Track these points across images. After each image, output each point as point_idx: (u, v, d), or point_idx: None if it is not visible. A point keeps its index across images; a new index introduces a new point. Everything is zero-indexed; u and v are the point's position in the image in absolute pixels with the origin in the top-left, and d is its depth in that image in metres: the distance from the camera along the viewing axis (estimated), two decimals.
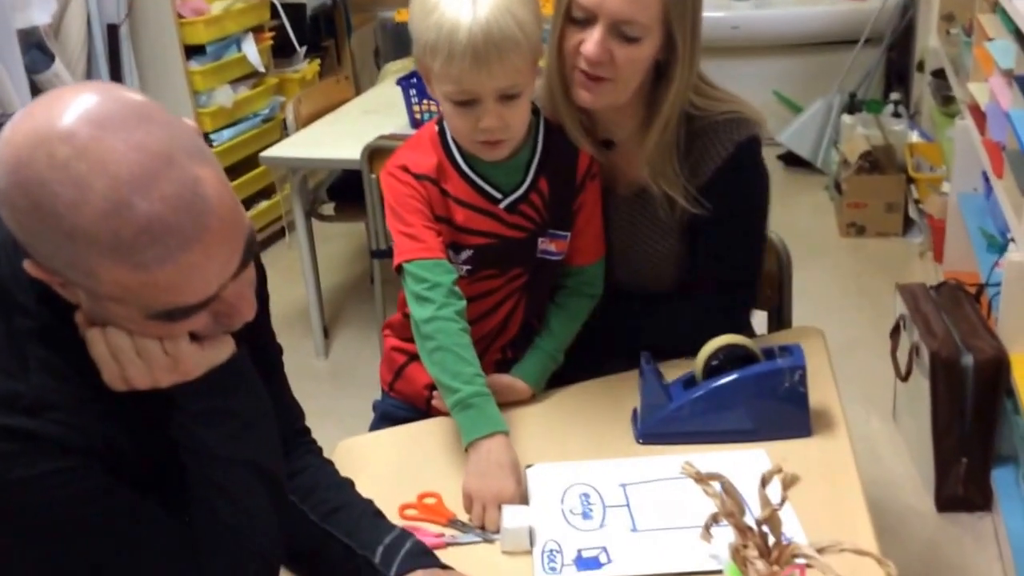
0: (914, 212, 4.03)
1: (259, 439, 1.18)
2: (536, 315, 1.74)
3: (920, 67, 4.52)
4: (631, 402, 1.58)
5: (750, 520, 1.16)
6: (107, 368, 1.07)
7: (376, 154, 2.92)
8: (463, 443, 1.47)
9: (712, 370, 1.54)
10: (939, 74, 3.93)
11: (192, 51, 3.96)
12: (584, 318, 1.74)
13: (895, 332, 2.76)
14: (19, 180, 0.94)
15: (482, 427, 1.47)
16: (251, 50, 4.15)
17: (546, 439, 1.56)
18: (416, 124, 3.20)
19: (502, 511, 1.36)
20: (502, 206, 1.63)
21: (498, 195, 1.62)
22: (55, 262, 0.98)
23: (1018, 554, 2.25)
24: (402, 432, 1.66)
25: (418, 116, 3.21)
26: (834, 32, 4.95)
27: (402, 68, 3.85)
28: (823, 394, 1.58)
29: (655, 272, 1.74)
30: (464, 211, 1.62)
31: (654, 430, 1.53)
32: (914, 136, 4.21)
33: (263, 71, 4.26)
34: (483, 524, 1.38)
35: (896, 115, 4.46)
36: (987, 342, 2.44)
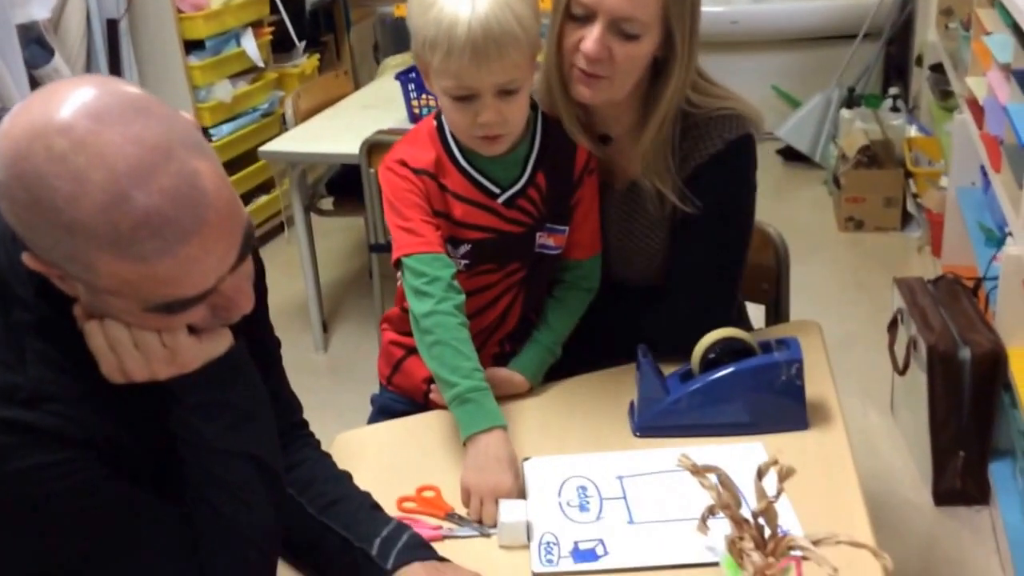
0: (912, 206, 4.03)
1: (257, 432, 1.18)
2: (534, 309, 1.74)
3: (919, 61, 4.51)
4: (628, 395, 1.58)
5: (746, 512, 1.16)
6: (105, 360, 1.07)
7: (375, 149, 2.92)
8: (461, 437, 1.48)
9: (709, 363, 1.54)
10: (938, 68, 3.93)
11: (191, 46, 3.96)
12: (582, 312, 1.74)
13: (893, 326, 2.76)
14: (17, 173, 0.94)
15: (480, 421, 1.47)
16: (250, 45, 4.15)
17: (543, 432, 1.57)
18: (415, 119, 3.20)
19: (499, 505, 1.37)
20: (500, 201, 1.63)
21: (496, 190, 1.63)
22: (53, 255, 0.99)
23: (1015, 547, 2.25)
24: (400, 426, 1.66)
25: (417, 111, 3.21)
26: (833, 27, 4.94)
27: (401, 63, 3.84)
28: (820, 387, 1.58)
29: (649, 266, 1.74)
30: (462, 206, 1.62)
31: (651, 423, 1.53)
32: (912, 130, 4.20)
33: (262, 66, 4.26)
34: (480, 518, 1.39)
35: (895, 109, 4.46)
36: (984, 336, 2.45)
